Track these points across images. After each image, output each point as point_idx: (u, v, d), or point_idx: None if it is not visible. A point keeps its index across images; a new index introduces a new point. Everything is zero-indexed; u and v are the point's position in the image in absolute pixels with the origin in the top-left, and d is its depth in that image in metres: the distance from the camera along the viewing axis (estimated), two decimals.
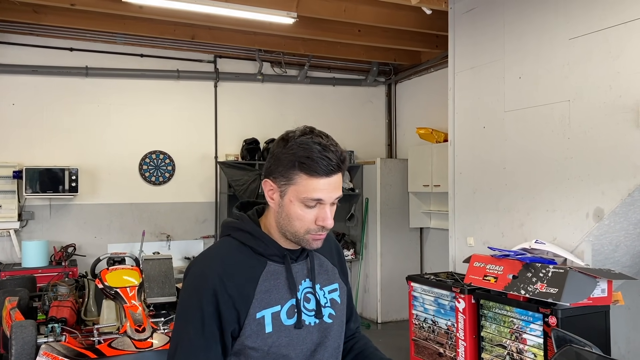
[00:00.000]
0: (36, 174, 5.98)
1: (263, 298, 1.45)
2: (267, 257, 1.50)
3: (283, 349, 1.45)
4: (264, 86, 7.38)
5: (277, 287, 1.48)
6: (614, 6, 3.52)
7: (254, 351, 1.44)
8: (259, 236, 1.50)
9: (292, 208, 1.44)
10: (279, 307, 1.47)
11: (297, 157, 1.40)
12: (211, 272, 1.44)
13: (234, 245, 1.51)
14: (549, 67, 3.98)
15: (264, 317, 1.44)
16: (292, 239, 1.49)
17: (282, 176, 1.44)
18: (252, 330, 1.43)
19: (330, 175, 1.42)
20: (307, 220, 1.44)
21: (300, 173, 1.41)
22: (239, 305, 1.42)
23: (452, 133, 5.00)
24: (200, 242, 7.03)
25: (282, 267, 1.50)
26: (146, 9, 5.35)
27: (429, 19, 5.64)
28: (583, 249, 3.71)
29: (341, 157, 1.43)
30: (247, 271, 1.46)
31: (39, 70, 6.26)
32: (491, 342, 3.95)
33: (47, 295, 4.51)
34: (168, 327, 4.13)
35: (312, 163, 1.40)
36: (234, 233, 1.53)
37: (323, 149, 1.41)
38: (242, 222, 1.53)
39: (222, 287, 1.41)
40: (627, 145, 3.40)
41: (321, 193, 1.42)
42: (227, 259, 1.47)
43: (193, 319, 1.41)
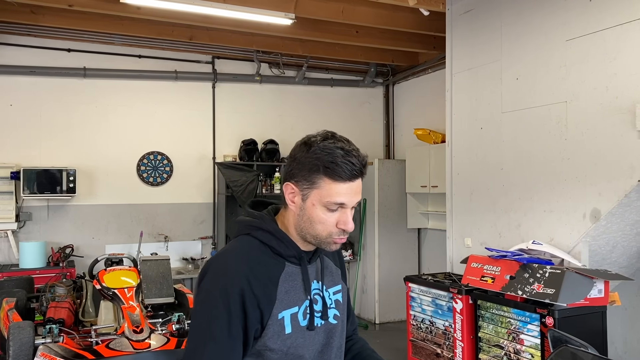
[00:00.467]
0: (34, 175, 5.97)
1: (283, 299, 1.46)
2: (285, 258, 1.50)
3: (300, 350, 1.47)
4: (262, 87, 7.39)
5: (294, 288, 1.49)
6: (610, 8, 3.54)
7: (274, 353, 1.44)
8: (280, 237, 1.50)
9: (315, 211, 1.45)
10: (296, 308, 1.48)
11: (321, 162, 1.41)
12: (237, 270, 1.43)
13: (254, 245, 1.50)
14: (546, 69, 4.00)
15: (284, 318, 1.45)
16: (312, 241, 1.50)
17: (305, 180, 1.44)
18: (274, 331, 1.43)
19: (353, 180, 1.44)
20: (329, 223, 1.45)
21: (324, 177, 1.42)
22: (263, 305, 1.42)
23: (450, 134, 5.01)
24: (198, 243, 7.03)
25: (297, 269, 1.51)
26: (144, 9, 5.35)
27: (426, 20, 5.66)
28: (580, 249, 3.72)
29: (363, 162, 1.45)
30: (269, 271, 1.46)
31: (37, 71, 6.26)
32: (488, 343, 3.96)
33: (45, 296, 4.50)
34: (166, 328, 4.13)
35: (337, 168, 1.41)
36: (254, 232, 1.52)
37: (346, 154, 1.42)
38: (263, 222, 1.53)
39: (248, 286, 1.40)
40: (623, 146, 3.42)
41: (344, 197, 1.43)
42: (252, 258, 1.47)
43: (219, 317, 1.39)
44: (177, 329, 4.17)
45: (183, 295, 4.78)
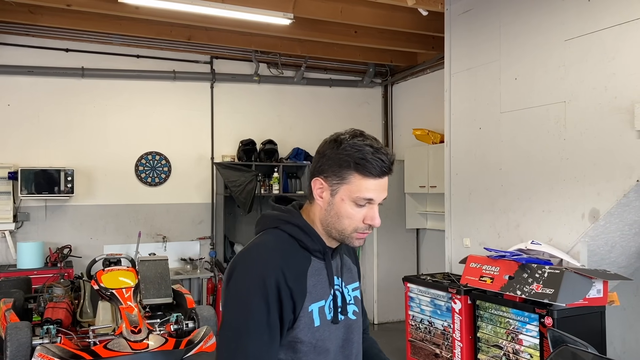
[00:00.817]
0: (32, 175, 5.96)
1: (312, 292, 1.49)
2: (310, 252, 1.53)
3: (326, 343, 1.50)
4: (260, 87, 7.38)
5: (321, 282, 1.52)
6: (609, 8, 3.53)
7: (304, 345, 1.46)
8: (308, 231, 1.53)
9: (343, 206, 1.48)
10: (323, 301, 1.51)
11: (352, 158, 1.45)
12: (271, 262, 1.45)
13: (284, 238, 1.52)
14: (545, 69, 4.00)
15: (313, 311, 1.48)
16: (336, 236, 1.53)
17: (334, 175, 1.48)
18: (305, 323, 1.46)
19: (382, 176, 1.48)
20: (357, 219, 1.49)
21: (354, 173, 1.46)
22: (296, 297, 1.44)
23: (448, 134, 5.01)
24: (197, 243, 7.02)
25: (322, 264, 1.54)
26: (142, 9, 5.34)
27: (425, 20, 5.66)
28: (579, 249, 3.72)
29: (391, 159, 1.49)
30: (299, 264, 1.50)
31: (35, 71, 6.24)
32: (487, 343, 3.96)
33: (43, 296, 4.50)
34: (164, 329, 4.12)
35: (367, 164, 1.45)
36: (283, 226, 1.54)
37: (376, 151, 1.46)
38: (292, 216, 1.55)
39: (282, 277, 1.42)
40: (622, 146, 3.42)
41: (373, 193, 1.47)
42: (284, 251, 1.49)
43: (258, 308, 1.40)
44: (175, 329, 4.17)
45: (181, 295, 4.78)
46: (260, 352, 1.39)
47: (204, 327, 4.09)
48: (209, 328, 4.07)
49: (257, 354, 1.38)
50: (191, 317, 4.32)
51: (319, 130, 7.64)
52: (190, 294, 4.85)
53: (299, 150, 7.30)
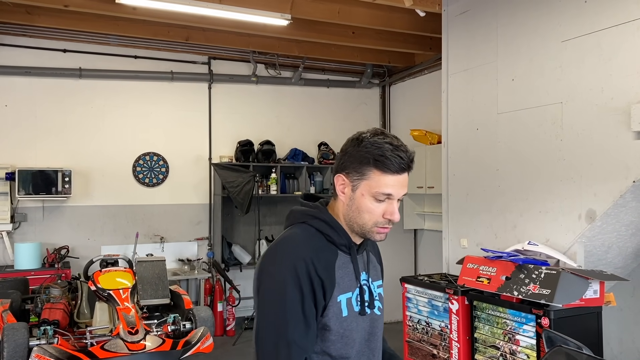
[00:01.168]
0: (29, 176, 5.95)
1: (340, 283, 1.56)
2: (337, 246, 1.60)
3: (353, 333, 1.57)
4: (258, 88, 7.38)
5: (347, 275, 1.59)
6: (606, 9, 3.54)
7: (331, 333, 1.53)
8: (335, 226, 1.60)
9: (363, 201, 1.55)
10: (350, 293, 1.58)
11: (371, 155, 1.52)
12: (303, 254, 1.51)
13: (312, 232, 1.59)
14: (542, 70, 4.00)
15: (341, 301, 1.55)
16: (358, 230, 1.59)
17: (355, 172, 1.55)
18: (334, 312, 1.53)
19: (401, 173, 1.54)
20: (376, 213, 1.55)
21: (374, 169, 1.52)
22: (327, 286, 1.52)
23: (446, 135, 5.02)
24: (194, 244, 7.02)
25: (348, 258, 1.61)
26: (140, 10, 5.34)
27: (422, 21, 5.66)
28: (575, 250, 3.73)
29: (411, 157, 1.56)
30: (327, 257, 1.56)
31: (32, 72, 6.24)
32: (484, 343, 3.96)
33: (40, 297, 4.50)
34: (161, 329, 4.12)
35: (386, 160, 1.51)
36: (311, 221, 1.61)
37: (395, 149, 1.53)
38: (319, 211, 1.63)
39: (313, 268, 1.50)
40: (619, 147, 3.42)
41: (391, 189, 1.53)
42: (312, 244, 1.56)
43: (293, 298, 1.46)
44: (173, 330, 4.17)
45: (179, 296, 4.78)
46: (301, 339, 1.46)
47: (201, 328, 4.09)
48: (206, 329, 4.08)
49: (298, 342, 1.45)
50: (188, 318, 4.32)
51: (317, 131, 7.67)
52: (187, 295, 4.85)
53: (296, 151, 7.31)
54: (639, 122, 3.25)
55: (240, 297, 6.62)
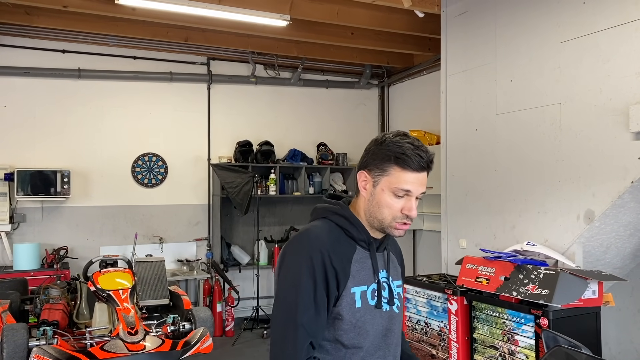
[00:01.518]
0: (28, 176, 5.95)
1: (355, 276, 1.63)
2: (356, 242, 1.68)
3: (367, 325, 1.63)
4: (257, 88, 7.39)
5: (364, 269, 1.67)
6: (604, 10, 3.55)
7: (344, 322, 1.60)
8: (354, 222, 1.69)
9: (383, 197, 1.63)
10: (365, 287, 1.66)
11: (393, 153, 1.61)
12: (319, 246, 1.60)
13: (332, 227, 1.69)
14: (540, 70, 4.01)
15: (355, 293, 1.63)
16: (377, 225, 1.67)
17: (377, 168, 1.64)
18: (347, 302, 1.61)
19: (420, 171, 1.62)
20: (395, 209, 1.63)
21: (394, 166, 1.61)
22: (340, 277, 1.60)
23: (445, 135, 5.03)
24: (193, 244, 7.02)
25: (367, 253, 1.69)
26: (139, 11, 5.34)
27: (421, 22, 5.67)
28: (574, 250, 3.74)
29: (430, 157, 1.63)
30: (344, 250, 1.65)
31: (31, 72, 6.24)
32: (483, 344, 3.97)
33: (39, 298, 4.50)
34: (160, 330, 4.13)
35: (406, 158, 1.60)
36: (331, 216, 1.71)
37: (416, 148, 1.61)
38: (340, 208, 1.71)
39: (328, 259, 1.58)
40: (617, 148, 3.43)
41: (410, 185, 1.61)
42: (329, 237, 1.65)
43: (306, 285, 1.56)
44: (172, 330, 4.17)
45: (178, 296, 4.78)
46: (309, 323, 1.54)
47: (200, 328, 4.09)
48: (206, 329, 4.08)
49: (305, 325, 1.54)
50: (188, 319, 4.32)
51: (316, 131, 7.67)
52: (187, 295, 4.85)
53: (295, 152, 7.31)
54: (637, 123, 3.26)
55: (239, 298, 6.62)
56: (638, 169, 3.30)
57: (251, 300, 6.92)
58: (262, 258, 7.03)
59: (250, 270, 7.01)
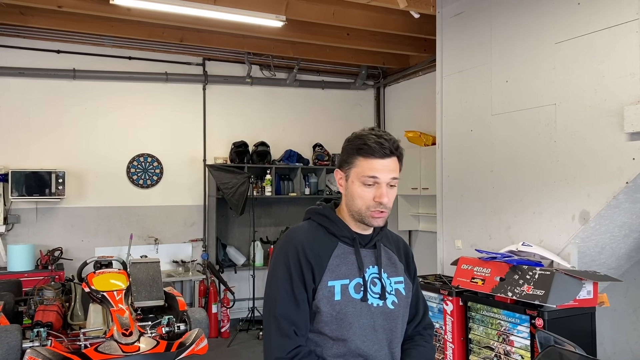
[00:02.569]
0: (22, 177, 5.92)
1: (334, 270, 1.70)
2: (338, 238, 1.75)
3: (349, 317, 1.67)
4: (253, 89, 7.38)
5: (346, 264, 1.72)
6: (598, 11, 3.56)
7: (323, 315, 1.67)
8: (333, 219, 1.77)
9: (354, 188, 1.70)
10: (347, 280, 1.70)
11: (356, 145, 1.70)
12: (295, 243, 1.71)
13: (313, 226, 1.79)
14: (536, 71, 4.02)
15: (334, 286, 1.68)
16: (357, 217, 1.73)
17: (346, 163, 1.73)
18: (324, 294, 1.67)
19: (384, 158, 1.68)
20: (367, 198, 1.69)
21: (359, 157, 1.69)
22: (316, 271, 1.68)
23: (440, 136, 5.03)
24: (189, 245, 7.00)
25: (351, 249, 1.75)
26: (134, 11, 5.32)
27: (417, 22, 5.67)
28: (569, 251, 3.75)
29: (394, 144, 1.69)
30: (322, 246, 1.73)
31: (26, 73, 6.21)
32: (479, 344, 3.97)
33: (33, 299, 4.47)
34: (155, 331, 4.11)
35: (368, 147, 1.67)
36: (314, 216, 1.81)
37: (377, 137, 1.68)
38: (322, 208, 1.81)
39: (303, 254, 1.68)
40: (612, 148, 3.44)
41: (376, 172, 1.67)
42: (307, 234, 1.75)
43: (282, 279, 1.67)
44: (167, 331, 4.15)
45: (173, 297, 4.76)
46: (287, 314, 1.63)
47: (195, 330, 4.08)
48: (201, 330, 4.07)
49: (284, 316, 1.63)
50: (183, 320, 4.31)
51: (312, 132, 7.67)
52: (182, 297, 4.83)
53: (291, 152, 7.31)
54: (631, 124, 3.27)
55: (234, 299, 6.60)
56: (632, 169, 3.31)
57: (247, 301, 6.91)
58: (257, 259, 7.01)
59: (245, 271, 7.00)
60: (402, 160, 1.76)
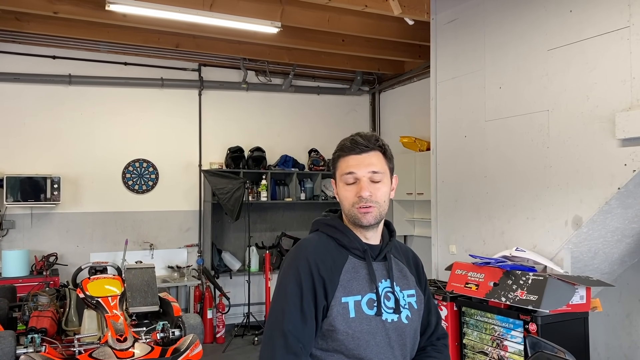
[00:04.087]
0: (17, 183, 5.92)
1: (346, 286, 1.63)
2: (349, 251, 1.69)
3: (366, 335, 1.61)
4: (248, 95, 7.40)
5: (357, 279, 1.66)
6: (590, 18, 3.60)
7: (339, 333, 1.59)
8: (343, 230, 1.71)
9: (340, 190, 1.70)
10: (359, 297, 1.64)
11: (336, 150, 1.72)
12: (307, 256, 1.64)
13: (323, 237, 1.73)
14: (528, 78, 4.05)
15: (347, 303, 1.61)
16: (351, 220, 1.69)
17: (333, 170, 1.75)
18: (339, 312, 1.60)
19: (360, 153, 1.67)
20: (350, 196, 1.67)
21: (338, 159, 1.71)
22: (328, 286, 1.61)
23: (435, 142, 5.05)
24: (184, 250, 7.00)
25: (362, 263, 1.69)
26: (130, 17, 5.34)
27: (411, 29, 5.71)
28: (562, 256, 3.77)
29: (371, 139, 1.69)
30: (333, 259, 1.66)
31: (21, 78, 6.22)
32: (473, 349, 3.98)
33: (27, 305, 4.46)
34: (150, 337, 4.11)
35: (343, 146, 1.70)
36: (322, 228, 1.76)
37: (353, 136, 1.70)
38: (330, 219, 1.77)
39: (316, 268, 1.61)
40: (603, 155, 3.47)
41: (352, 167, 1.66)
42: (318, 247, 1.68)
43: (292, 294, 1.59)
44: (162, 337, 4.15)
45: (168, 303, 4.76)
46: (295, 329, 1.56)
47: (190, 335, 4.07)
48: (195, 336, 4.06)
49: (292, 332, 1.55)
50: (177, 325, 4.31)
51: (307, 137, 7.69)
52: (177, 302, 4.83)
53: (287, 158, 7.32)
54: (623, 130, 3.30)
55: (230, 304, 6.60)
56: (624, 175, 3.33)
57: (242, 306, 6.90)
58: (253, 264, 7.02)
59: (241, 276, 7.00)
60: (388, 154, 1.74)
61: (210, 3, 5.10)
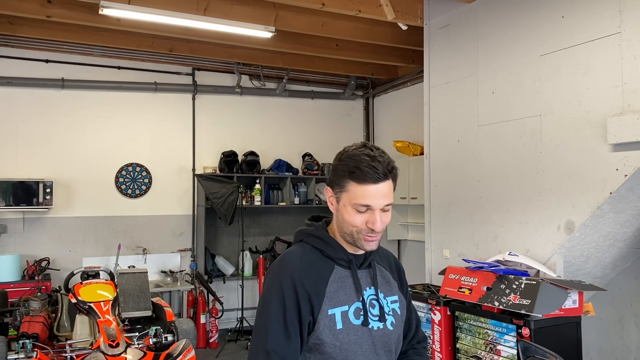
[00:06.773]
0: (9, 187, 5.88)
1: (332, 297, 1.60)
2: (334, 261, 1.66)
3: (354, 346, 1.59)
4: (242, 99, 7.39)
5: (344, 289, 1.63)
6: (582, 23, 3.63)
7: (326, 346, 1.57)
8: (329, 241, 1.67)
9: (346, 212, 1.60)
10: (346, 307, 1.61)
11: (348, 167, 1.57)
12: (290, 270, 1.60)
13: (307, 249, 1.68)
14: (521, 83, 4.08)
15: (334, 314, 1.59)
16: (349, 240, 1.64)
17: (337, 184, 1.61)
18: (326, 324, 1.57)
19: (378, 182, 1.56)
20: (359, 223, 1.59)
21: (350, 181, 1.57)
22: (314, 300, 1.57)
23: (428, 147, 5.07)
24: (177, 255, 6.97)
25: (348, 272, 1.66)
26: (124, 21, 5.33)
27: (405, 34, 5.73)
28: (555, 260, 3.78)
29: (389, 167, 1.58)
30: (318, 272, 1.62)
31: (14, 82, 6.19)
32: (466, 354, 3.99)
33: (19, 310, 4.44)
34: (143, 342, 4.09)
35: (360, 172, 1.55)
36: (307, 238, 1.71)
37: (371, 160, 1.55)
38: (315, 229, 1.70)
39: (300, 282, 1.57)
40: (596, 159, 3.49)
41: (369, 200, 1.56)
42: (304, 260, 1.64)
43: (275, 311, 1.55)
44: (154, 342, 4.13)
45: (161, 308, 4.75)
46: (278, 348, 1.52)
47: (183, 340, 4.06)
48: (188, 341, 4.05)
49: (276, 350, 1.52)
50: (170, 330, 4.29)
51: (301, 142, 7.69)
52: (169, 307, 4.82)
53: (280, 162, 7.32)
54: (614, 135, 3.32)
55: (223, 309, 6.58)
56: (616, 180, 3.36)
57: (235, 311, 6.88)
58: (246, 269, 7.00)
59: (234, 281, 6.98)
60: (397, 179, 1.65)
61: (204, 7, 5.10)
